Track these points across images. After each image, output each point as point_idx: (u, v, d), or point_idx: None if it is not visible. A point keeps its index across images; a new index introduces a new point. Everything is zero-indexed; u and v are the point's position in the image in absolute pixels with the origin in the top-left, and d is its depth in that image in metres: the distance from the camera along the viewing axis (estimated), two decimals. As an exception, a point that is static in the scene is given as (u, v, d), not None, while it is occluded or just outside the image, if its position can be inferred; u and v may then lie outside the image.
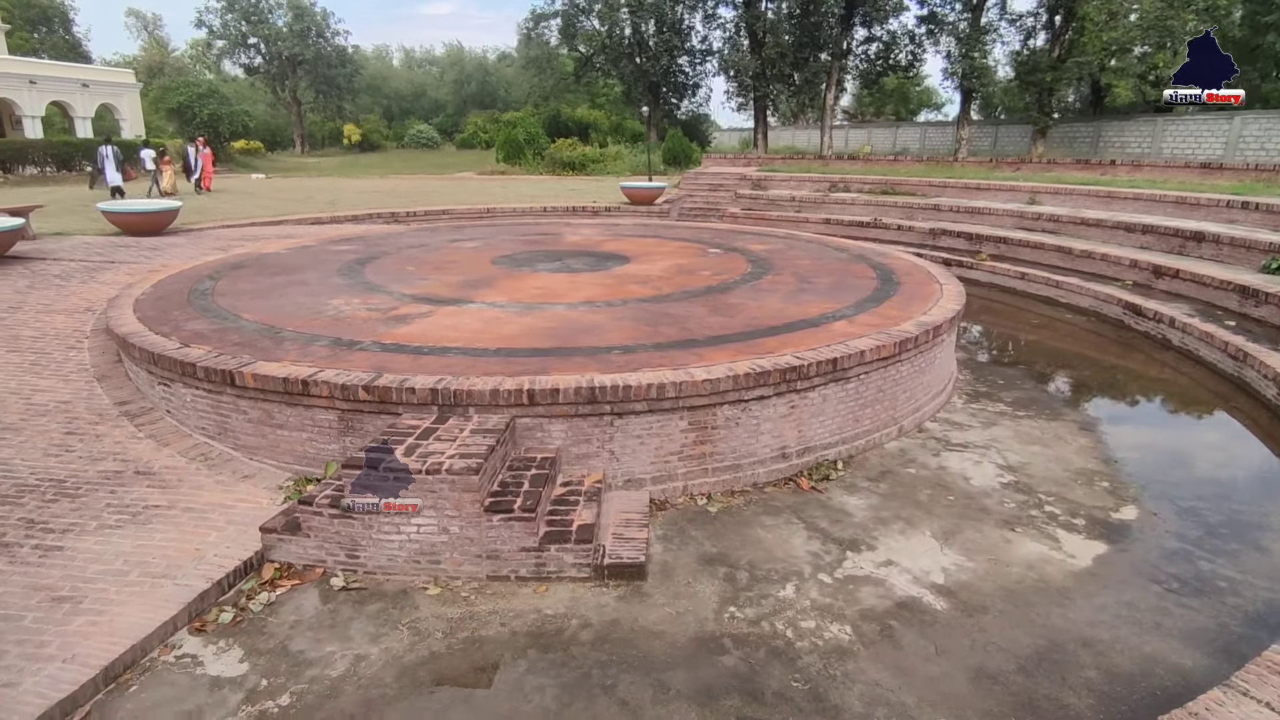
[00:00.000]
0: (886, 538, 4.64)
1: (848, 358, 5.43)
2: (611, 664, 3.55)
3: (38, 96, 33.99)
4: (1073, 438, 6.16)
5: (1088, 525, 4.77)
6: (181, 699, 3.30)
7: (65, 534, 4.26)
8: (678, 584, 4.18)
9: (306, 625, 3.83)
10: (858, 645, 3.66)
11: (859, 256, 9.81)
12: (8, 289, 8.12)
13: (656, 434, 4.99)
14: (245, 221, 14.31)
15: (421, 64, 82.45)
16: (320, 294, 7.40)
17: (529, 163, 30.88)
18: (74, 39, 52.80)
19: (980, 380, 7.64)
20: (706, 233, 12.41)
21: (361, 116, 61.08)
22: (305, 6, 51.94)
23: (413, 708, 3.27)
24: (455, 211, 16.84)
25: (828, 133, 35.50)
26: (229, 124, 30.59)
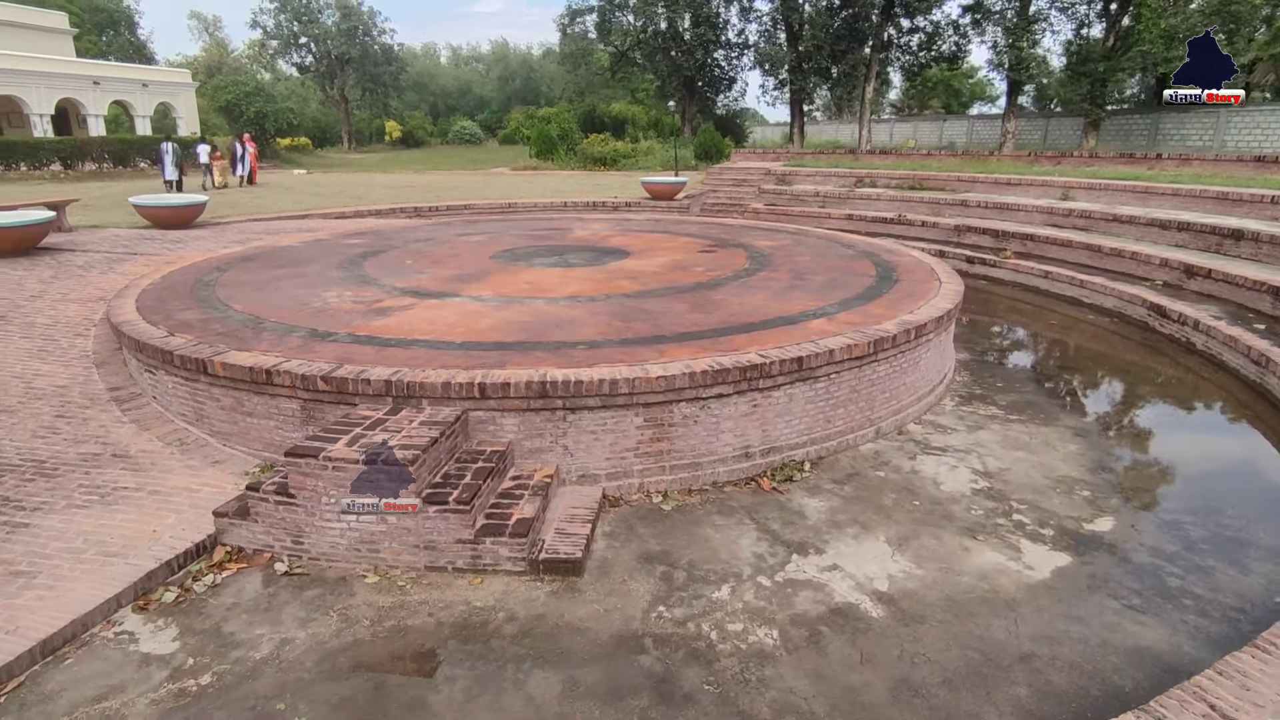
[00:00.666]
0: (838, 542, 4.52)
1: (815, 356, 5.30)
2: (528, 659, 3.55)
3: (101, 96, 35.66)
4: (1063, 444, 5.90)
5: (1055, 536, 4.56)
6: (109, 674, 3.43)
7: (35, 512, 4.47)
8: (613, 581, 4.15)
9: (243, 608, 3.93)
10: (781, 651, 3.58)
11: (865, 253, 9.57)
12: (33, 278, 8.55)
13: (611, 430, 4.96)
14: (272, 215, 14.77)
15: (468, 61, 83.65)
16: (315, 286, 7.58)
17: (561, 158, 31.05)
18: (139, 41, 55.27)
19: (979, 382, 7.38)
20: (717, 228, 12.28)
21: (406, 113, 62.37)
22: (353, 6, 53.21)
23: (324, 693, 3.33)
24: (476, 206, 17.05)
25: (866, 126, 34.79)
26: (274, 121, 31.62)
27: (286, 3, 53.39)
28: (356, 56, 54.64)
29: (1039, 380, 7.55)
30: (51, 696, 3.29)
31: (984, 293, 11.98)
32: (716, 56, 36.40)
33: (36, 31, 36.09)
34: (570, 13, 35.55)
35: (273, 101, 31.68)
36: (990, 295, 11.82)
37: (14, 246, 9.42)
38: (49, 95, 33.00)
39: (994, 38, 33.15)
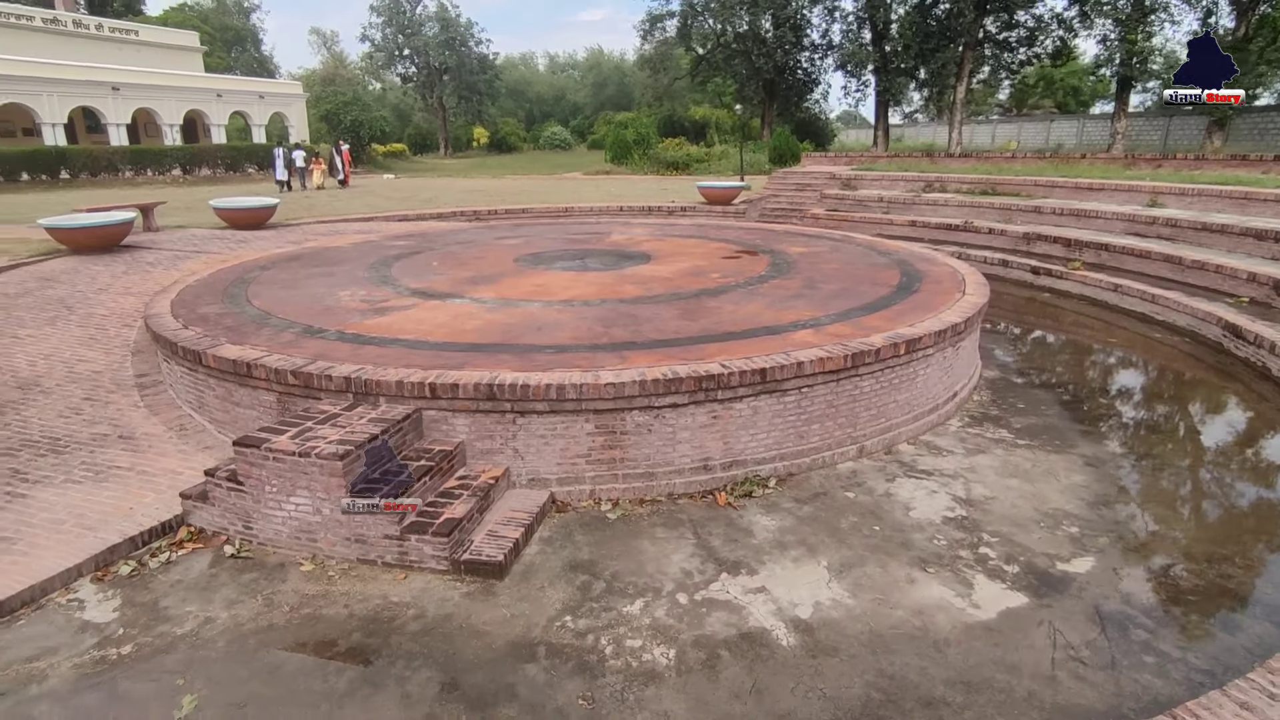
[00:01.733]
0: (775, 563, 4.32)
1: (781, 369, 5.09)
2: (419, 657, 3.59)
3: (223, 107, 39.03)
4: (1068, 474, 5.39)
5: (1018, 574, 4.18)
6: (49, 636, 3.74)
7: (36, 484, 4.94)
8: (531, 587, 4.14)
9: (185, 586, 4.19)
10: (671, 673, 3.46)
11: (898, 262, 9.10)
12: (107, 273, 9.45)
13: (561, 435, 4.95)
14: (341, 218, 15.67)
15: (564, 69, 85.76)
16: (336, 285, 7.98)
17: (635, 163, 31.26)
18: (262, 56, 60.18)
19: (999, 401, 6.87)
20: (757, 234, 12.02)
21: (500, 120, 64.63)
22: (451, 18, 55.68)
23: (222, 672, 3.50)
24: (535, 210, 17.44)
25: (957, 128, 33.16)
26: (368, 129, 33.63)
27: (392, 16, 56.56)
28: (454, 66, 57.15)
29: (1070, 402, 6.93)
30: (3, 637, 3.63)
31: (1044, 305, 11.14)
32: (799, 58, 35.64)
33: (172, 50, 39.92)
34: (651, 18, 35.85)
35: (367, 111, 33.69)
36: (1050, 309, 10.98)
37: (99, 244, 10.45)
38: (179, 107, 36.42)
39: (1103, 31, 30.86)
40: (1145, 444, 6.04)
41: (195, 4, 56.40)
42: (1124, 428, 6.43)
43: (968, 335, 6.65)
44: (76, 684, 3.43)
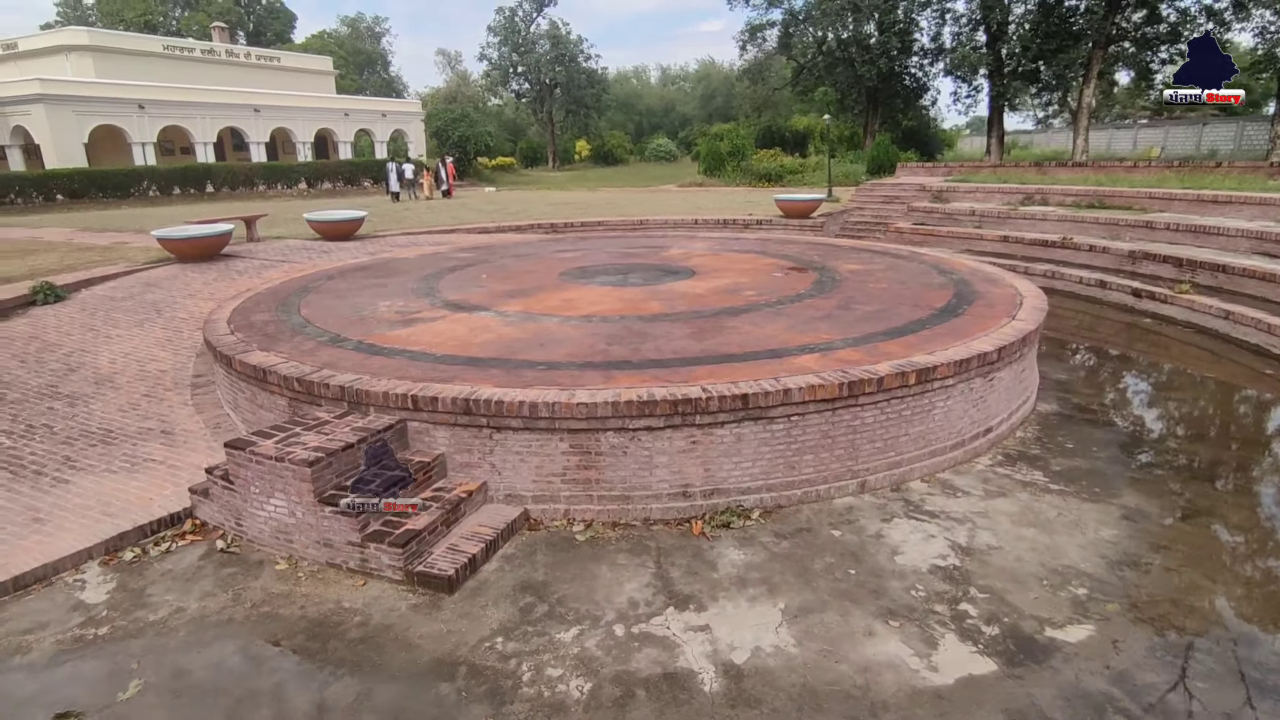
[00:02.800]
0: (729, 601, 4.12)
1: (765, 395, 4.86)
2: (346, 665, 3.69)
3: (350, 125, 42.29)
4: (1098, 527, 4.80)
5: (996, 637, 3.76)
6: (46, 612, 4.15)
7: (80, 471, 5.51)
8: (475, 604, 4.16)
9: (172, 575, 4.52)
10: (579, 708, 3.36)
11: (957, 281, 8.48)
12: (200, 280, 10.44)
13: (537, 453, 4.96)
14: (424, 230, 16.54)
15: (675, 80, 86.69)
16: (382, 296, 8.41)
17: (728, 175, 31.01)
18: (390, 77, 64.79)
19: (1047, 438, 6.23)
20: (819, 249, 11.57)
21: (606, 133, 66.07)
22: (562, 35, 57.55)
23: (171, 661, 3.74)
24: (609, 223, 17.66)
25: (1083, 134, 30.61)
26: (473, 144, 35.40)
27: (507, 36, 59.28)
28: (563, 81, 59.08)
29: (1129, 444, 6.17)
30: (13, 610, 4.07)
31: (1139, 332, 10.04)
32: (906, 64, 34.15)
33: (308, 74, 43.72)
34: (750, 29, 35.43)
35: (474, 127, 35.47)
36: (1145, 336, 9.87)
37: (200, 254, 11.57)
38: (310, 126, 39.84)
39: (1262, 22, 27.59)
40: (1206, 500, 5.26)
41: (333, 31, 61.72)
42: (1186, 479, 5.64)
43: (1006, 365, 6.08)
44: (52, 659, 3.78)
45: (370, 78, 61.76)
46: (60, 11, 64.57)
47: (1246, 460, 6.06)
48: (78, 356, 7.58)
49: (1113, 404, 7.26)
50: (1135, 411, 7.07)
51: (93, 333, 8.25)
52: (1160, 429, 6.62)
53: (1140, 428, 6.59)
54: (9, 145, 30.13)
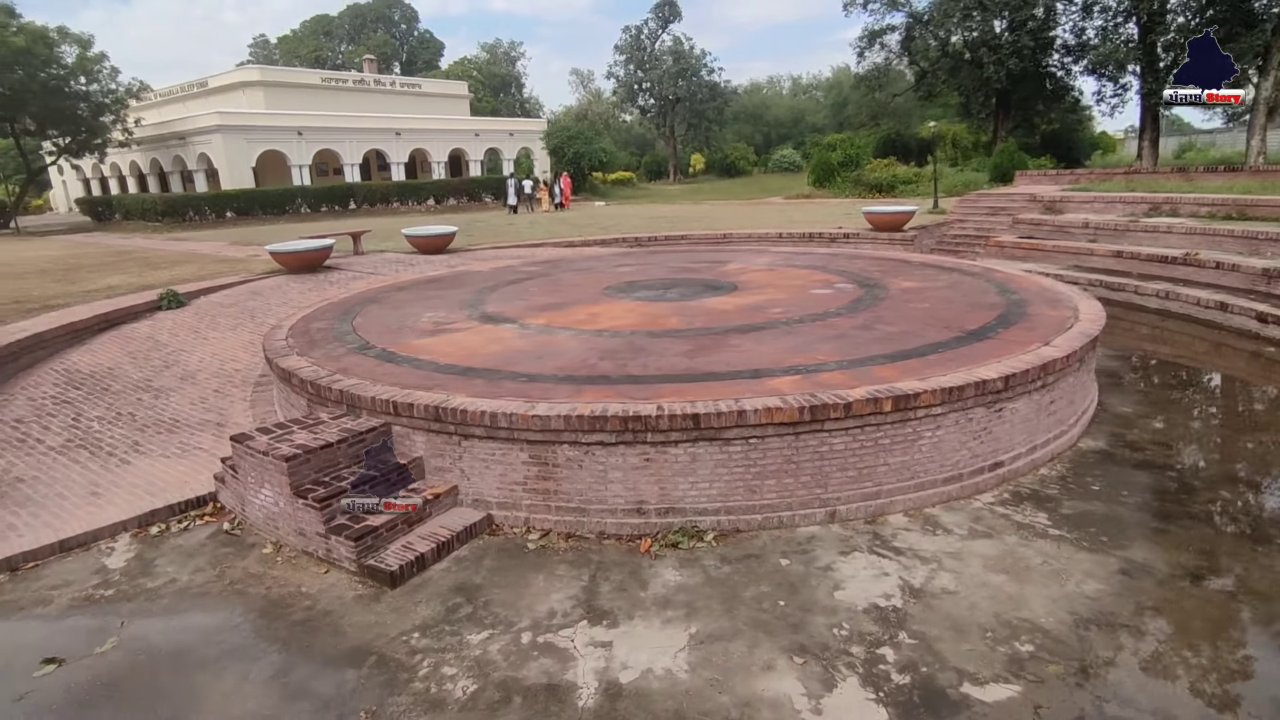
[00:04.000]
0: (644, 620, 4.12)
1: (719, 415, 4.80)
2: (279, 643, 4.08)
3: (480, 145, 45.16)
4: (1083, 580, 4.32)
5: (902, 688, 3.51)
6: (75, 572, 4.89)
7: (141, 456, 6.40)
8: (410, 600, 4.43)
9: (181, 550, 5.17)
10: (455, 707, 3.52)
11: (1014, 302, 7.83)
12: (296, 289, 11.67)
13: (500, 461, 5.19)
14: (513, 244, 17.41)
15: (807, 90, 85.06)
16: (430, 307, 9.03)
17: (838, 186, 30.04)
18: (523, 98, 68.52)
19: (1074, 477, 5.64)
20: (886, 265, 11.02)
21: (730, 145, 66.00)
22: (685, 51, 58.31)
23: (149, 624, 4.31)
24: (693, 237, 17.72)
25: (1258, 134, 26.88)
26: (587, 160, 36.72)
27: (632, 54, 60.92)
28: (685, 95, 59.79)
29: (1169, 491, 5.44)
30: (40, 576, 4.85)
31: (1252, 363, 8.76)
32: (1045, 63, 31.55)
33: (445, 99, 47.24)
34: (869, 34, 34.11)
35: (589, 144, 36.81)
36: (1257, 368, 8.60)
37: (304, 265, 12.92)
38: (445, 146, 42.97)
39: None
40: (1233, 564, 4.55)
41: (474, 57, 66.28)
42: (1220, 538, 4.87)
43: (1021, 396, 5.57)
44: (62, 613, 4.46)
45: (505, 99, 65.65)
46: (252, 51, 74.17)
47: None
48: (175, 355, 8.76)
49: (1175, 444, 6.39)
50: (1198, 455, 6.19)
51: (194, 335, 9.49)
52: (1219, 477, 5.75)
53: (1195, 474, 5.77)
54: (195, 170, 34.95)
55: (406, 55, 73.30)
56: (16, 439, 6.60)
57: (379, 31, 71.36)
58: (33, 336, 8.52)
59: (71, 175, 44.13)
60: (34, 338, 8.53)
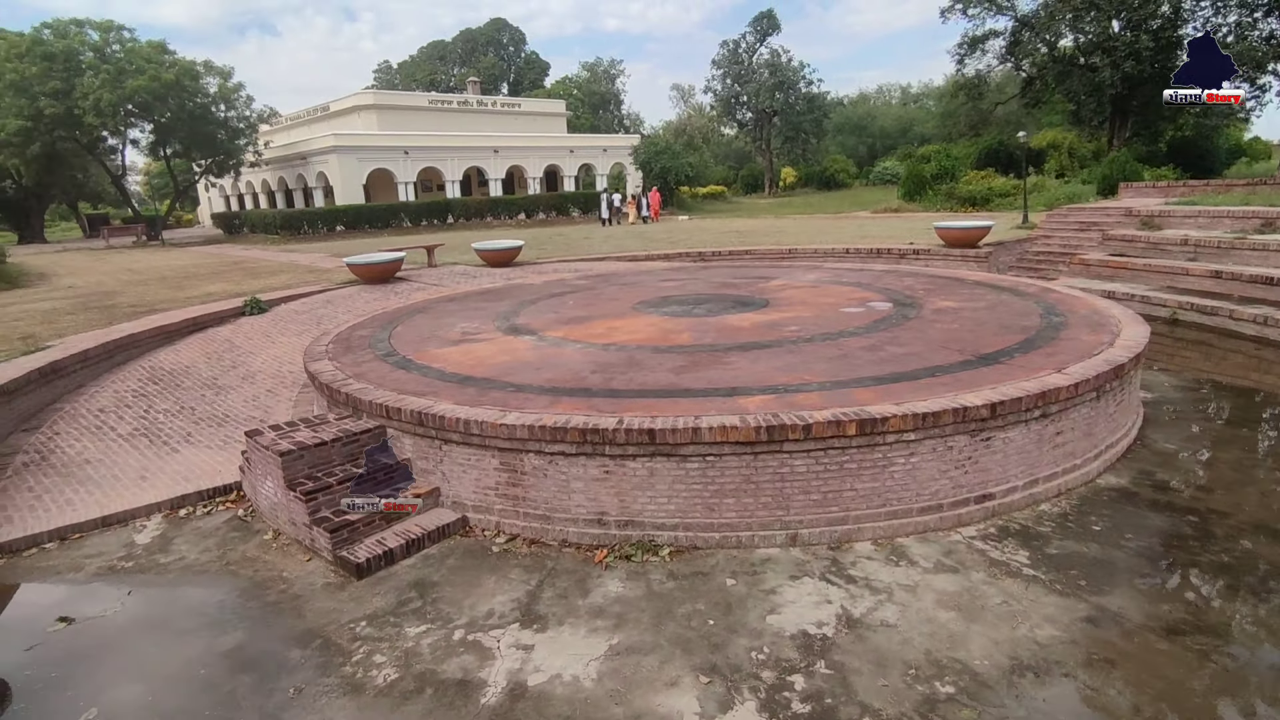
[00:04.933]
0: (572, 628, 4.23)
1: (673, 432, 4.86)
2: (246, 621, 4.50)
3: (574, 161, 46.54)
4: (1040, 626, 4.04)
5: (799, 717, 3.44)
6: (106, 545, 5.56)
7: (189, 446, 7.16)
8: (370, 591, 4.75)
9: (198, 531, 5.76)
10: (372, 693, 3.78)
11: (1049, 325, 7.35)
12: (363, 299, 12.57)
13: (475, 466, 5.45)
14: (578, 257, 17.89)
15: (918, 99, 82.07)
16: (466, 318, 9.52)
17: (929, 199, 28.76)
18: (622, 114, 70.04)
19: (1076, 516, 5.24)
20: (932, 284, 10.54)
21: (829, 157, 64.61)
22: (781, 63, 57.81)
23: (151, 594, 4.86)
24: (757, 252, 17.55)
25: None
26: (674, 175, 37.07)
27: (729, 68, 61.03)
28: (781, 108, 59.22)
29: (1180, 539, 4.94)
30: (81, 546, 5.56)
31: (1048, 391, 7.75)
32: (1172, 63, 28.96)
33: (543, 117, 49.08)
34: (969, 40, 32.41)
35: (676, 159, 37.18)
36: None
37: (376, 276, 13.89)
38: (540, 162, 44.60)
39: None
40: (1221, 616, 4.09)
41: (574, 76, 68.53)
42: (1221, 587, 4.39)
43: (1014, 426, 5.25)
44: (87, 579, 5.10)
45: (604, 115, 67.33)
46: (376, 76, 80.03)
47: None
48: (243, 357, 9.70)
49: (1213, 487, 5.76)
50: (1234, 501, 5.52)
51: (265, 339, 10.45)
52: (1248, 526, 5.12)
53: (1221, 522, 5.19)
54: (314, 187, 38.12)
55: (514, 76, 76.78)
56: (94, 426, 7.55)
57: (489, 54, 75.24)
58: (128, 337, 9.68)
59: (215, 193, 49.25)
60: (129, 338, 9.69)
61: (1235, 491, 5.60)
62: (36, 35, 29.66)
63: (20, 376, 7.63)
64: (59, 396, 8.25)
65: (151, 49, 31.35)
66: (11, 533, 5.59)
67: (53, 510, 5.94)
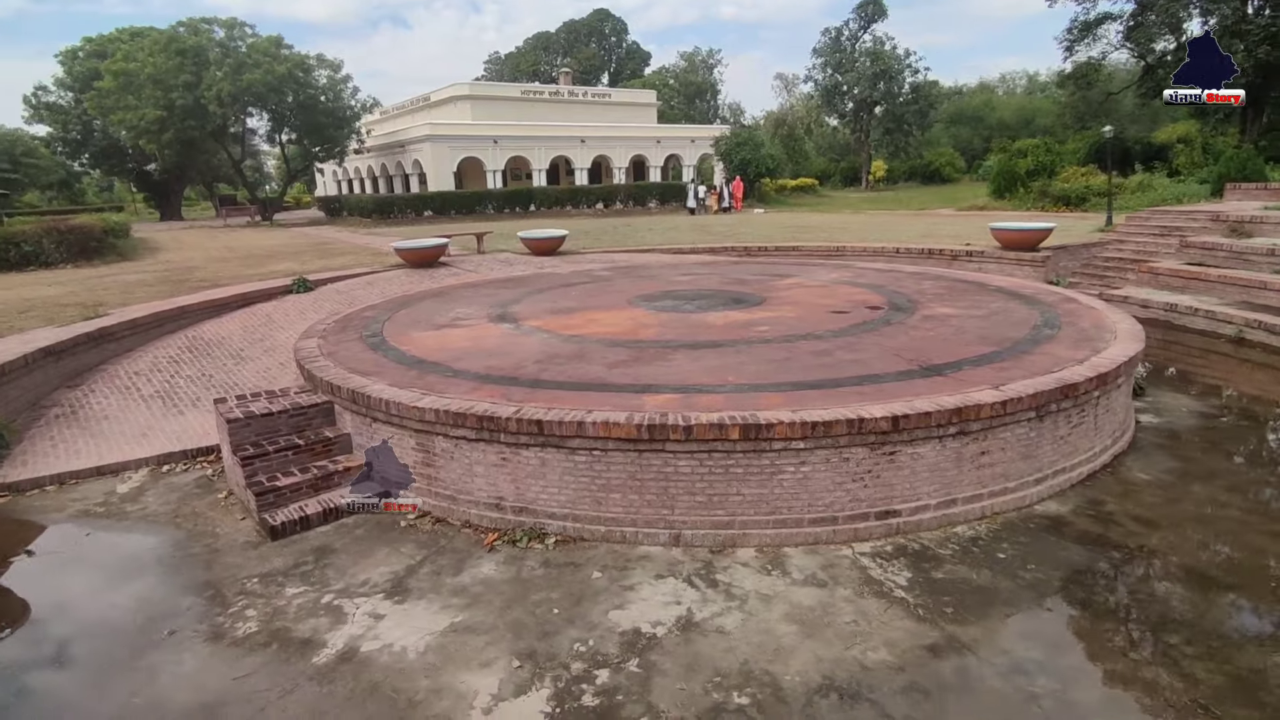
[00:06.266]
0: (426, 603, 4.47)
1: (560, 425, 4.98)
2: (167, 569, 5.04)
3: (661, 151, 46.68)
4: (874, 649, 3.89)
5: (582, 710, 3.52)
6: (92, 492, 6.31)
7: (194, 410, 7.94)
8: (277, 552, 5.17)
9: (169, 486, 6.43)
10: (225, 642, 4.16)
11: (1038, 339, 6.88)
12: (400, 282, 13.31)
13: (398, 445, 5.79)
14: (624, 248, 18.04)
15: (1044, 88, 76.46)
16: (469, 305, 9.93)
17: (1019, 197, 26.85)
18: (717, 105, 69.34)
19: (987, 541, 4.94)
20: (949, 289, 9.96)
21: (932, 150, 61.35)
22: (883, 51, 55.35)
23: (107, 537, 5.51)
24: (805, 249, 17.09)
25: None
26: (754, 167, 36.44)
27: (830, 57, 59.07)
28: (881, 99, 56.76)
29: (1098, 579, 4.56)
30: (74, 491, 6.34)
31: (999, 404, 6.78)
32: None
33: (633, 107, 49.38)
34: (1080, 26, 29.66)
35: (756, 151, 36.52)
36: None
37: (421, 260, 14.65)
38: (626, 153, 45.01)
39: None
40: (1085, 661, 3.77)
41: (671, 66, 68.49)
42: (1103, 631, 4.02)
43: (928, 442, 5.01)
44: (64, 519, 5.84)
45: (699, 106, 66.93)
46: (485, 67, 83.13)
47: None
48: (273, 331, 10.56)
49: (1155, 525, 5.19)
50: (1170, 540, 4.99)
51: (299, 316, 11.31)
52: (1176, 573, 4.62)
53: (1147, 564, 4.71)
54: (410, 174, 40.28)
55: (614, 66, 77.67)
56: (124, 386, 8.51)
57: (590, 45, 76.45)
58: (178, 308, 10.78)
59: (330, 177, 52.97)
60: (179, 309, 10.78)
61: (1183, 531, 5.08)
62: (173, 32, 32.96)
63: (69, 339, 8.71)
64: (106, 359, 9.33)
65: (269, 44, 34.07)
66: (22, 474, 6.46)
67: (61, 457, 6.80)
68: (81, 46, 39.39)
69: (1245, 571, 4.59)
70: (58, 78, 39.97)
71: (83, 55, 38.59)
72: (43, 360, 8.16)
